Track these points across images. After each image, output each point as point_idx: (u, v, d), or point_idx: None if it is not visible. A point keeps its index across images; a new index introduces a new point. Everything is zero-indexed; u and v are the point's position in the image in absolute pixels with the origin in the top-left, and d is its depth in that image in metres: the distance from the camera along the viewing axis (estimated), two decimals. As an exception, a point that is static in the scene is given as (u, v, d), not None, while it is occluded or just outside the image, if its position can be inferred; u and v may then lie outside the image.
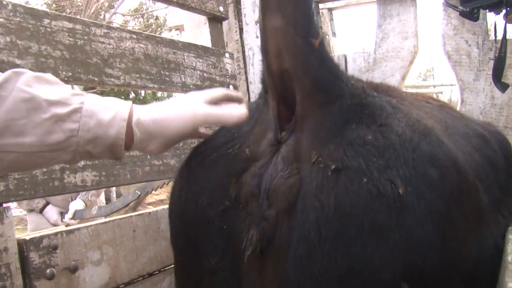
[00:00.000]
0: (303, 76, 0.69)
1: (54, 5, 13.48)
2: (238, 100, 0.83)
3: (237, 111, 0.77)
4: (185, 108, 0.75)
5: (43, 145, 0.66)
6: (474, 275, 0.67)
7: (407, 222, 0.59)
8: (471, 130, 0.83)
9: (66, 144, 0.68)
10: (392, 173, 0.60)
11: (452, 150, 0.68)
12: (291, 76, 0.70)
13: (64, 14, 1.07)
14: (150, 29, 15.18)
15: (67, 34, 1.02)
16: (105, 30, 1.10)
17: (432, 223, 0.60)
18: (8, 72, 0.66)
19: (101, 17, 14.60)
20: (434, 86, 8.05)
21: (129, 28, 16.07)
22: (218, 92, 0.81)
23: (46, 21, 0.98)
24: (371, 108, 0.69)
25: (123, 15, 15.08)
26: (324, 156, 0.64)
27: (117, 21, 15.57)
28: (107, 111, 0.70)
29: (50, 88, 0.68)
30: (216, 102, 0.80)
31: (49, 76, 0.71)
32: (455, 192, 0.63)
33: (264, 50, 0.71)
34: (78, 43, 1.04)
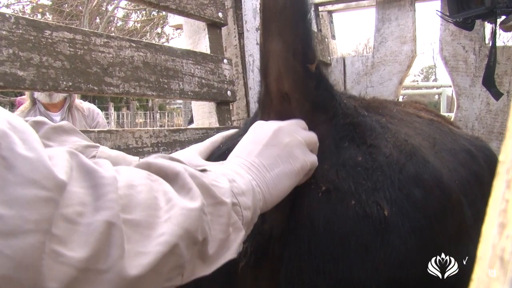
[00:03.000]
0: (303, 99, 0.72)
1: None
2: None
3: None
4: None
5: None
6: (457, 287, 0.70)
7: (391, 240, 0.62)
8: (458, 146, 0.85)
9: None
10: (378, 195, 0.63)
11: (437, 168, 0.70)
12: (290, 99, 0.73)
13: (64, 25, 1.09)
14: (152, 22, 15.17)
15: (67, 44, 1.04)
16: (105, 40, 1.13)
17: (415, 240, 0.63)
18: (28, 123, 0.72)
19: (103, 9, 14.61)
20: (437, 87, 8.07)
21: (131, 21, 16.04)
22: None
23: (47, 32, 1.01)
24: (362, 127, 0.71)
25: (125, 8, 15.06)
26: (317, 177, 0.66)
27: (119, 14, 15.54)
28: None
29: (65, 140, 0.75)
30: None
31: (66, 125, 0.77)
32: (438, 211, 0.66)
33: (264, 72, 0.73)
34: (78, 53, 1.06)
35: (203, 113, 1.53)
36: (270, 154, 0.62)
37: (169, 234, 0.41)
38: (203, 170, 0.53)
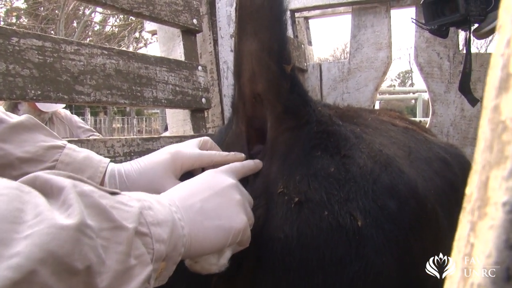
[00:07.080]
0: (275, 101, 0.70)
1: (31, 1, 13.24)
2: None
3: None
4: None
5: None
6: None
7: (366, 252, 0.61)
8: (433, 154, 0.85)
9: None
10: (352, 205, 0.62)
11: (412, 179, 0.70)
12: (263, 101, 0.71)
13: (32, 32, 1.06)
14: (130, 27, 15.02)
15: (36, 52, 1.01)
16: (76, 47, 1.10)
17: (391, 253, 0.62)
18: None
19: (80, 13, 14.41)
20: (413, 93, 8.24)
21: (109, 26, 15.85)
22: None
23: (15, 39, 0.97)
24: (336, 137, 0.70)
25: (102, 13, 14.88)
26: (290, 188, 0.65)
27: (96, 19, 15.35)
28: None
29: (26, 140, 0.65)
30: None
31: (27, 121, 0.67)
32: (413, 222, 0.65)
33: (238, 73, 0.72)
34: (48, 60, 1.03)
35: (177, 121, 1.50)
36: (216, 203, 0.57)
37: (24, 256, 0.32)
38: (114, 193, 0.46)
